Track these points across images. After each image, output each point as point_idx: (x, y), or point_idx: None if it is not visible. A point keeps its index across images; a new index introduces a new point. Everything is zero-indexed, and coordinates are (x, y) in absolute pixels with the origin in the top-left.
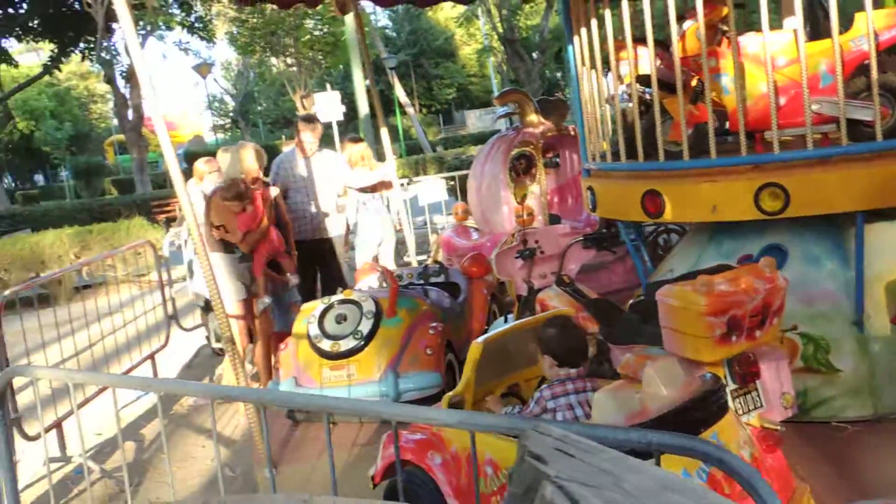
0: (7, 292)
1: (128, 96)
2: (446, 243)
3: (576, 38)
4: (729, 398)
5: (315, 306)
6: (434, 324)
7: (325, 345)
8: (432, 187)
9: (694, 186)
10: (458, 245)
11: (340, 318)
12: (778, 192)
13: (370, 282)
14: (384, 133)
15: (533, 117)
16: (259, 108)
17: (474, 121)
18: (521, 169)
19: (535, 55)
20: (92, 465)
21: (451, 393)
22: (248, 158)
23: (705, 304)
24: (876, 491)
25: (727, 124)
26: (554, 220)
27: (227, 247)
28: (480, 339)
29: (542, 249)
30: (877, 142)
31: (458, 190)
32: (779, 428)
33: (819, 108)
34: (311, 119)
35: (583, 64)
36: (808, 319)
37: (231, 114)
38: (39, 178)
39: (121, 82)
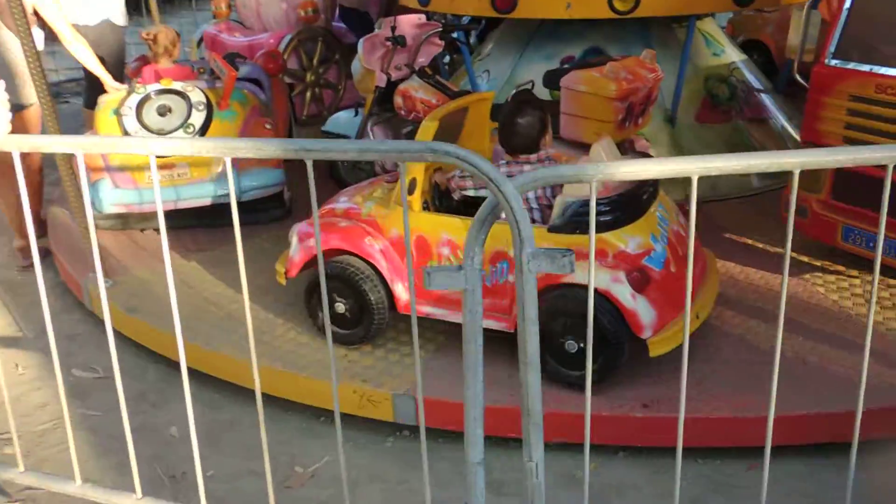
0: None
1: None
2: (211, 39)
3: None
4: None
5: (121, 97)
6: (268, 119)
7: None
8: None
9: None
10: (228, 42)
11: (164, 110)
12: None
13: None
14: None
15: None
16: None
17: None
18: None
19: None
20: None
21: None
22: None
23: (615, 90)
24: None
25: None
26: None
27: None
28: (432, 115)
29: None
30: None
31: None
32: None
33: None
34: None
35: None
36: None
37: None
38: None
39: None
